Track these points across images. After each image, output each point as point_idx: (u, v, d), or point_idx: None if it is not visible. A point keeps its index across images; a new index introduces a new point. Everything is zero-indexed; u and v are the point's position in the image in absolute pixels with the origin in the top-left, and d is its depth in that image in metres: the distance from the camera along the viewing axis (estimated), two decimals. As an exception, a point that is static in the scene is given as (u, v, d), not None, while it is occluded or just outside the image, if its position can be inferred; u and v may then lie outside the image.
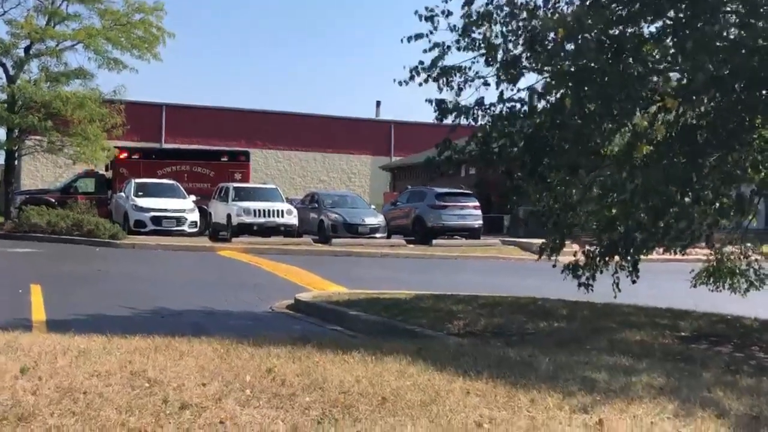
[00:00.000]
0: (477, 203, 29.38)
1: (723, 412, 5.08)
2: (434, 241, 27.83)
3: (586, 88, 7.97)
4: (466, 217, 29.26)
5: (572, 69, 8.06)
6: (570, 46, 8.33)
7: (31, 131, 27.35)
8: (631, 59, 8.44)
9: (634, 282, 9.41)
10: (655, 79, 8.48)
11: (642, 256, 9.84)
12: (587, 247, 9.95)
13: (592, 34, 7.92)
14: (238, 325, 10.51)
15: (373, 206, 31.92)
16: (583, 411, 4.85)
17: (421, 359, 5.98)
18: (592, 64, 7.86)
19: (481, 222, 29.47)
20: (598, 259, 9.59)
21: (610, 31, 8.14)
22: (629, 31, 8.81)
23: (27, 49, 27.60)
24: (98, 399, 4.46)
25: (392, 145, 53.40)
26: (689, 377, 6.11)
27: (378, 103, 57.83)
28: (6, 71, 27.72)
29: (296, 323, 11.09)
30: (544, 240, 10.72)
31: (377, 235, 27.78)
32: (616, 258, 9.68)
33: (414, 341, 7.83)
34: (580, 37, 7.83)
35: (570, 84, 8.00)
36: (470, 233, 29.16)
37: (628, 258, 9.39)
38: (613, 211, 9.55)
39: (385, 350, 6.37)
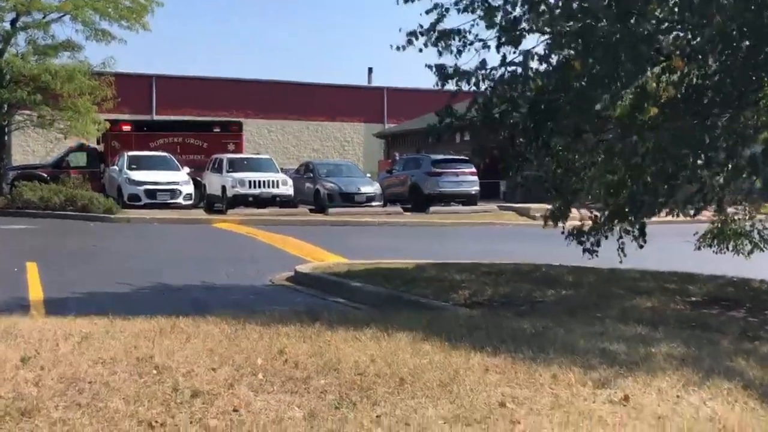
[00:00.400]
0: (473, 169, 29.15)
1: (749, 383, 4.92)
2: (431, 208, 27.65)
3: (592, 48, 7.71)
4: (463, 184, 29.08)
5: (578, 29, 7.80)
6: (575, 5, 8.07)
7: (21, 106, 26.92)
8: (635, 18, 8.19)
9: (641, 247, 9.23)
10: (661, 38, 8.22)
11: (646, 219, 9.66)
12: (594, 212, 9.76)
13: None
14: (239, 300, 10.34)
15: (368, 174, 31.67)
16: (607, 386, 4.67)
17: (434, 335, 5.77)
18: (600, 24, 7.60)
19: (477, 188, 29.30)
20: (605, 224, 9.39)
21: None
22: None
23: (13, 22, 27.03)
24: (104, 389, 4.20)
25: (385, 112, 53.02)
26: (709, 346, 5.95)
27: (370, 70, 57.35)
28: (-7, 45, 27.23)
29: (298, 296, 10.92)
30: (549, 207, 10.54)
31: (373, 204, 27.60)
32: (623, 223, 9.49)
33: (420, 312, 7.66)
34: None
35: (576, 45, 7.75)
36: (467, 200, 29.01)
37: (635, 223, 9.22)
38: (616, 175, 9.36)
39: (395, 325, 6.16)
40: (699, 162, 7.88)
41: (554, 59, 8.91)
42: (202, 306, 9.67)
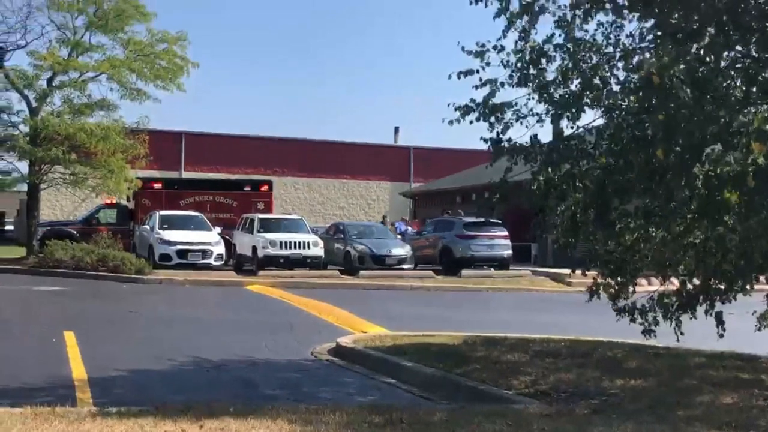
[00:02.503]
0: (506, 233, 28.70)
1: None
2: (463, 272, 27.12)
3: (675, 131, 7.35)
4: (495, 247, 28.54)
5: (660, 110, 7.46)
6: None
7: (54, 163, 26.80)
8: (712, 98, 7.86)
9: (722, 336, 8.77)
10: (742, 119, 7.86)
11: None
12: (663, 290, 9.34)
13: (681, 73, 7.32)
14: (286, 380, 10.00)
15: (398, 237, 31.27)
16: None
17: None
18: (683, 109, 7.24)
19: (510, 252, 28.75)
20: (677, 311, 8.96)
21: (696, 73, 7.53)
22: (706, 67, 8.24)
23: (50, 81, 27.12)
24: None
25: (411, 171, 52.88)
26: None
27: (396, 129, 57.34)
28: (29, 104, 27.19)
29: (345, 375, 10.54)
30: (600, 280, 10.15)
31: (404, 266, 27.19)
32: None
33: (497, 411, 7.21)
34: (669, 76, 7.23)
35: (657, 127, 7.40)
36: (499, 264, 28.42)
37: (711, 310, 8.80)
38: (688, 259, 8.97)
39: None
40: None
41: (624, 136, 8.57)
42: (251, 387, 9.36)
